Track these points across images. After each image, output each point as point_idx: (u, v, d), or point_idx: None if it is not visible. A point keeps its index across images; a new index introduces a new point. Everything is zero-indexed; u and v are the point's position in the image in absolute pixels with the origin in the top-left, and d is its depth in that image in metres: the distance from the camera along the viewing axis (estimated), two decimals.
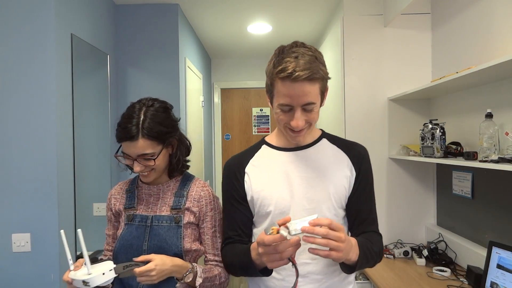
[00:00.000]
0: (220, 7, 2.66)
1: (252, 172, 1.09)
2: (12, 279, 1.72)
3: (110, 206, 1.23)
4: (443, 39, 2.13)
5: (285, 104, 0.95)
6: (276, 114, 1.01)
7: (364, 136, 2.32)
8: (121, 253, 1.13)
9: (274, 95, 0.98)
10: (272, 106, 1.03)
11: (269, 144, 1.13)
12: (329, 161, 1.08)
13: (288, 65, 0.92)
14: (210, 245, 1.20)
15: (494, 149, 1.45)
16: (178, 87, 2.55)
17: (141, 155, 1.08)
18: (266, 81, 1.01)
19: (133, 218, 1.17)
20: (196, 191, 1.21)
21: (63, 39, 1.82)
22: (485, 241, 1.78)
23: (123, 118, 1.11)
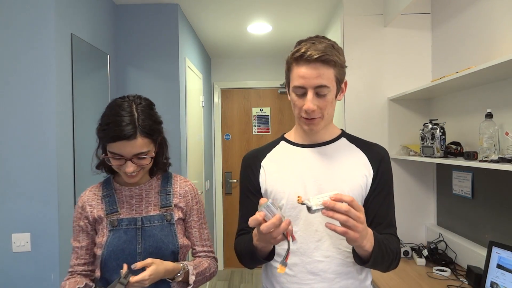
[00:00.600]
0: (220, 7, 2.67)
1: (268, 166, 1.09)
2: (12, 279, 1.72)
3: (86, 215, 1.15)
4: (443, 39, 2.13)
5: (298, 85, 0.97)
6: (292, 102, 1.02)
7: (364, 136, 2.29)
8: (112, 259, 1.09)
9: (290, 80, 1.01)
10: (289, 95, 1.04)
11: (287, 140, 1.13)
12: (347, 159, 1.07)
13: (303, 47, 0.97)
14: (197, 237, 1.23)
15: (494, 149, 1.45)
16: (178, 87, 2.55)
17: (137, 154, 1.05)
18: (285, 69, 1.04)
19: (119, 222, 1.12)
20: (180, 186, 1.21)
21: (63, 39, 1.82)
22: (485, 241, 1.78)
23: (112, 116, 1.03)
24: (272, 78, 4.23)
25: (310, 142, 1.09)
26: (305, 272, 1.00)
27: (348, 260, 1.01)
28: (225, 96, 4.31)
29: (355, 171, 1.05)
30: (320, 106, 0.98)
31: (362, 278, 1.06)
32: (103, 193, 1.17)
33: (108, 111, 1.07)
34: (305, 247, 1.01)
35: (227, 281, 3.98)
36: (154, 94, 2.53)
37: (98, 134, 1.08)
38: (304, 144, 1.09)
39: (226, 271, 4.28)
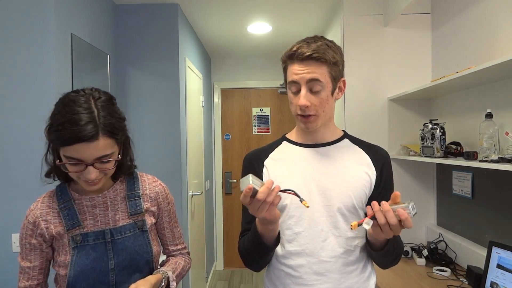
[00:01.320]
0: (220, 7, 2.67)
1: (270, 165, 1.08)
2: (12, 279, 1.72)
3: (40, 232, 0.98)
4: (443, 39, 2.13)
5: (292, 80, 0.99)
6: (289, 100, 1.03)
7: (364, 136, 2.31)
8: (81, 280, 0.96)
9: (286, 77, 1.03)
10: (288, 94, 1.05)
11: (289, 140, 1.12)
12: (349, 159, 1.07)
13: (295, 46, 1.00)
14: (170, 237, 1.15)
15: (494, 149, 1.45)
16: (178, 87, 2.55)
17: (99, 157, 0.89)
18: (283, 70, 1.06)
19: (83, 238, 0.98)
20: (150, 188, 1.09)
21: (63, 39, 1.82)
22: (485, 241, 1.78)
23: (66, 114, 0.86)
24: (272, 78, 4.23)
25: (312, 142, 1.09)
26: (311, 273, 1.00)
27: (352, 259, 1.02)
28: (225, 96, 4.31)
29: (358, 171, 1.05)
30: (315, 103, 0.98)
31: (366, 277, 1.06)
32: (59, 205, 1.00)
33: (61, 108, 0.88)
34: (311, 248, 1.01)
35: (227, 281, 3.98)
36: (154, 94, 2.53)
37: (49, 137, 0.90)
38: (307, 144, 1.09)
39: (226, 271, 4.28)
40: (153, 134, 2.53)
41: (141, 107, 2.52)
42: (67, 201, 1.01)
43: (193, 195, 2.96)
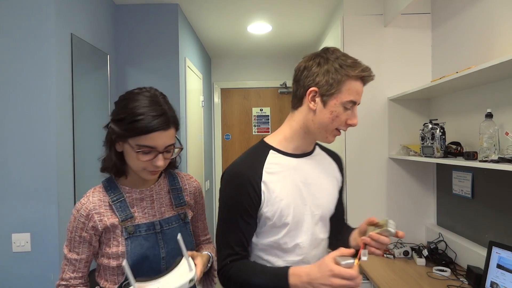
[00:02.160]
0: (220, 7, 2.67)
1: (269, 180, 1.02)
2: (12, 279, 1.72)
3: (92, 224, 1.03)
4: (443, 39, 2.13)
5: (353, 100, 1.00)
6: (334, 113, 1.00)
7: (364, 136, 2.32)
8: (136, 269, 1.00)
9: (340, 92, 0.98)
10: (324, 104, 1.00)
11: (276, 150, 1.07)
12: (326, 168, 1.14)
13: (367, 68, 1.00)
14: (202, 228, 1.26)
15: (494, 149, 1.45)
16: (178, 87, 2.55)
17: (168, 146, 0.99)
18: (325, 78, 0.99)
19: (136, 229, 1.04)
20: (188, 184, 1.19)
21: (63, 39, 1.82)
22: (485, 241, 1.78)
23: (142, 108, 0.96)
24: (272, 78, 4.23)
25: (301, 151, 1.09)
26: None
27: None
28: (225, 96, 4.31)
29: (333, 179, 1.15)
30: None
31: None
32: (112, 198, 1.05)
33: (134, 103, 0.98)
34: (309, 258, 1.06)
35: None
36: None
37: (121, 128, 0.97)
38: (296, 154, 1.08)
39: None
40: None
41: None
42: (118, 194, 1.06)
43: None
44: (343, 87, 0.98)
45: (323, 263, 0.90)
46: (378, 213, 2.32)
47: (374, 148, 2.32)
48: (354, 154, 2.32)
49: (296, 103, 1.06)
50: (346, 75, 0.98)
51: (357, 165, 2.32)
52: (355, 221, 2.30)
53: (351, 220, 2.30)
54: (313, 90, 1.00)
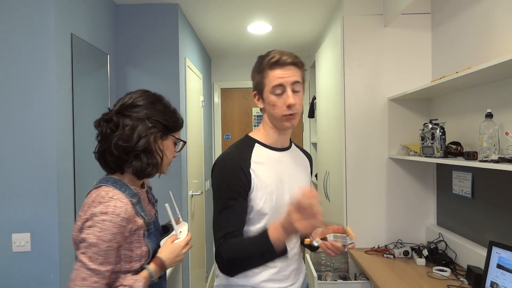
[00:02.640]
0: (220, 7, 2.67)
1: (257, 169, 1.14)
2: (12, 279, 1.72)
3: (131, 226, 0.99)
4: (443, 39, 2.13)
5: (277, 84, 1.12)
6: (271, 103, 1.14)
7: (364, 136, 2.32)
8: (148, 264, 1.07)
9: (265, 85, 1.14)
10: (263, 100, 1.17)
11: (260, 143, 1.21)
12: (301, 162, 1.30)
13: (275, 55, 1.13)
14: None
15: (494, 149, 1.45)
16: (178, 87, 2.55)
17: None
18: (255, 80, 1.19)
19: (148, 227, 1.06)
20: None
21: (63, 39, 1.82)
22: (485, 241, 1.78)
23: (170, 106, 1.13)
24: None
25: (281, 146, 1.24)
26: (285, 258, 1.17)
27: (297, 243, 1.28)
28: (225, 96, 4.31)
29: (306, 172, 1.31)
30: (298, 102, 1.14)
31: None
32: (132, 199, 1.02)
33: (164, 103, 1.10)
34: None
35: None
36: None
37: (172, 123, 1.09)
38: (277, 148, 1.23)
39: None
40: None
41: None
42: (134, 194, 1.04)
43: (193, 195, 2.96)
44: (265, 80, 1.15)
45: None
46: (378, 213, 2.32)
47: (374, 148, 2.32)
48: (354, 154, 2.33)
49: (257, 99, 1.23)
50: (262, 69, 1.16)
51: (357, 165, 2.32)
52: (355, 221, 2.31)
53: (351, 220, 2.32)
54: (254, 93, 1.21)
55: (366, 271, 1.92)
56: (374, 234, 2.32)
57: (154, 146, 1.05)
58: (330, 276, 2.16)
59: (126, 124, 1.02)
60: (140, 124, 1.03)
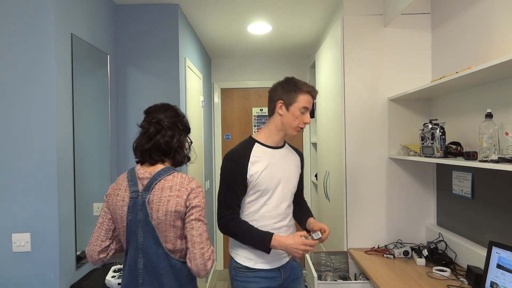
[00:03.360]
0: (220, 7, 2.67)
1: (254, 161, 1.54)
2: (12, 279, 1.72)
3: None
4: (443, 39, 2.13)
5: (305, 106, 1.54)
6: (295, 115, 1.54)
7: (364, 136, 2.32)
8: None
9: (296, 102, 1.53)
10: (288, 110, 1.55)
11: (260, 143, 1.60)
12: (291, 157, 1.67)
13: (309, 85, 1.57)
14: None
15: (494, 149, 1.45)
16: (178, 87, 2.55)
17: None
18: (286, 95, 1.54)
19: None
20: None
21: (63, 39, 1.82)
22: (485, 241, 1.78)
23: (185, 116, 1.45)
24: (272, 78, 4.23)
25: (276, 145, 1.62)
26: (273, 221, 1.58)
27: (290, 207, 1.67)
28: (225, 96, 4.31)
29: (297, 167, 1.67)
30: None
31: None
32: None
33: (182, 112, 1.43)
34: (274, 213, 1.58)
35: (227, 281, 3.98)
36: (154, 94, 2.53)
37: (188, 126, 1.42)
38: (273, 146, 1.61)
39: (226, 271, 4.28)
40: None
41: (141, 107, 2.52)
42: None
43: None
44: (298, 98, 1.53)
45: (296, 236, 1.47)
46: (378, 213, 2.32)
47: (374, 148, 2.32)
48: (354, 154, 2.33)
49: (270, 112, 1.61)
50: (298, 90, 1.53)
51: (357, 165, 2.32)
52: (355, 220, 2.31)
53: (351, 220, 2.32)
54: (281, 102, 1.55)
55: (366, 271, 1.92)
56: (374, 234, 2.32)
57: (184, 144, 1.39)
58: (330, 276, 2.16)
59: (168, 127, 1.33)
60: (176, 127, 1.36)
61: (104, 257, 1.34)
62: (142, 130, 1.34)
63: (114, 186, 1.35)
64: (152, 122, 1.32)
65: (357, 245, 2.33)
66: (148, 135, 1.32)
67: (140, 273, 1.26)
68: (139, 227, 1.26)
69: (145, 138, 1.32)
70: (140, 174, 1.30)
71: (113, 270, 1.88)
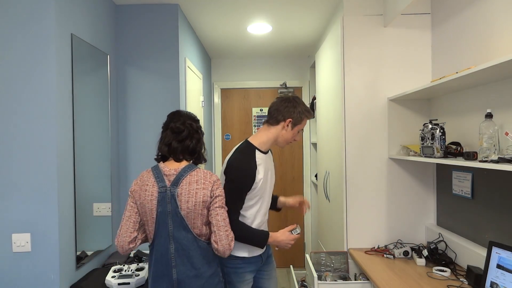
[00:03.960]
0: (220, 7, 2.67)
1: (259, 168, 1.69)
2: (12, 279, 1.72)
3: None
4: (443, 39, 2.13)
5: (302, 129, 1.78)
6: (294, 133, 1.75)
7: (364, 136, 2.32)
8: None
9: (300, 123, 1.74)
10: (291, 128, 1.73)
11: (259, 150, 1.73)
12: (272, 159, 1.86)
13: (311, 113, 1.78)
14: None
15: (494, 149, 1.45)
16: (178, 87, 2.55)
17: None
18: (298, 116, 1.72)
19: None
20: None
21: (63, 39, 1.82)
22: (485, 241, 1.78)
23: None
24: (272, 78, 4.23)
25: (266, 150, 1.76)
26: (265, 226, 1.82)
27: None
28: (225, 96, 4.31)
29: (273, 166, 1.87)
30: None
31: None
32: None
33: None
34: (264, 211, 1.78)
35: None
36: (154, 94, 2.53)
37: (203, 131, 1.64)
38: (265, 152, 1.75)
39: None
40: (153, 134, 2.53)
41: (141, 107, 2.53)
42: None
43: None
44: (302, 122, 1.74)
45: (285, 232, 1.74)
46: (378, 213, 2.32)
47: (374, 148, 2.32)
48: (354, 154, 2.33)
49: (273, 122, 1.73)
50: (305, 116, 1.74)
51: (357, 165, 2.32)
52: (355, 220, 2.31)
53: (351, 220, 2.32)
54: (290, 120, 1.71)
55: (366, 271, 1.92)
56: (374, 234, 2.32)
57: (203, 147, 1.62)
58: (330, 276, 2.16)
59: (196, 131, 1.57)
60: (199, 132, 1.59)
61: (133, 246, 1.48)
62: (175, 131, 1.51)
63: (139, 182, 1.50)
64: (185, 125, 1.53)
65: (357, 245, 2.33)
66: (181, 136, 1.52)
67: (172, 257, 1.46)
68: (168, 218, 1.45)
69: (177, 139, 1.51)
70: (166, 171, 1.49)
71: (113, 270, 1.88)
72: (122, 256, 2.26)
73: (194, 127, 1.56)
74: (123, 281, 1.77)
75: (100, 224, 2.19)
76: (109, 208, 2.32)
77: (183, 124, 1.53)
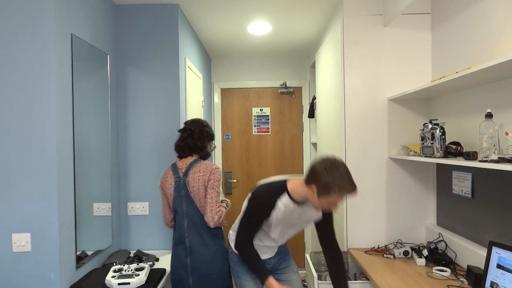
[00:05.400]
0: (220, 7, 2.67)
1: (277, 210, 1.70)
2: (12, 279, 1.72)
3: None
4: (443, 39, 2.13)
5: (336, 202, 1.53)
6: (321, 204, 1.53)
7: (364, 136, 2.32)
8: None
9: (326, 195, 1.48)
10: (318, 198, 1.51)
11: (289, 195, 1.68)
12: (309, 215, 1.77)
13: (350, 190, 1.49)
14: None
15: (494, 149, 1.45)
16: (178, 87, 2.55)
17: None
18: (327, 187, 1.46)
19: None
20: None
21: (63, 39, 1.82)
22: (485, 241, 1.78)
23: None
24: (272, 78, 4.23)
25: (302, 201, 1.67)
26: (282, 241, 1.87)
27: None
28: (225, 96, 4.31)
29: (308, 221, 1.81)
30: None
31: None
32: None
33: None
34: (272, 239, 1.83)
35: None
36: (154, 94, 2.53)
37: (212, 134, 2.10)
38: (298, 202, 1.67)
39: None
40: (153, 134, 2.53)
41: (141, 107, 2.53)
42: None
43: None
44: (330, 194, 1.47)
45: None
46: (378, 213, 2.32)
47: (374, 148, 2.32)
48: (354, 154, 2.33)
49: (308, 182, 1.54)
50: (334, 191, 1.46)
51: (357, 165, 2.32)
52: (355, 221, 2.31)
53: (351, 220, 2.32)
54: (314, 187, 1.50)
55: (366, 271, 1.92)
56: (374, 234, 2.32)
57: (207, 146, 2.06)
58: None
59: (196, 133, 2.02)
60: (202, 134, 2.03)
61: (173, 223, 2.04)
62: (180, 135, 2.04)
63: (163, 176, 2.02)
64: (186, 129, 2.04)
65: (357, 245, 2.33)
66: (183, 137, 2.02)
67: (185, 230, 1.92)
68: (183, 200, 1.94)
69: (181, 139, 2.02)
70: (179, 166, 1.99)
71: (113, 270, 1.88)
72: (122, 256, 2.26)
73: (196, 130, 2.02)
74: (123, 281, 1.77)
75: (100, 224, 2.19)
76: (109, 208, 2.32)
77: (185, 128, 2.04)
